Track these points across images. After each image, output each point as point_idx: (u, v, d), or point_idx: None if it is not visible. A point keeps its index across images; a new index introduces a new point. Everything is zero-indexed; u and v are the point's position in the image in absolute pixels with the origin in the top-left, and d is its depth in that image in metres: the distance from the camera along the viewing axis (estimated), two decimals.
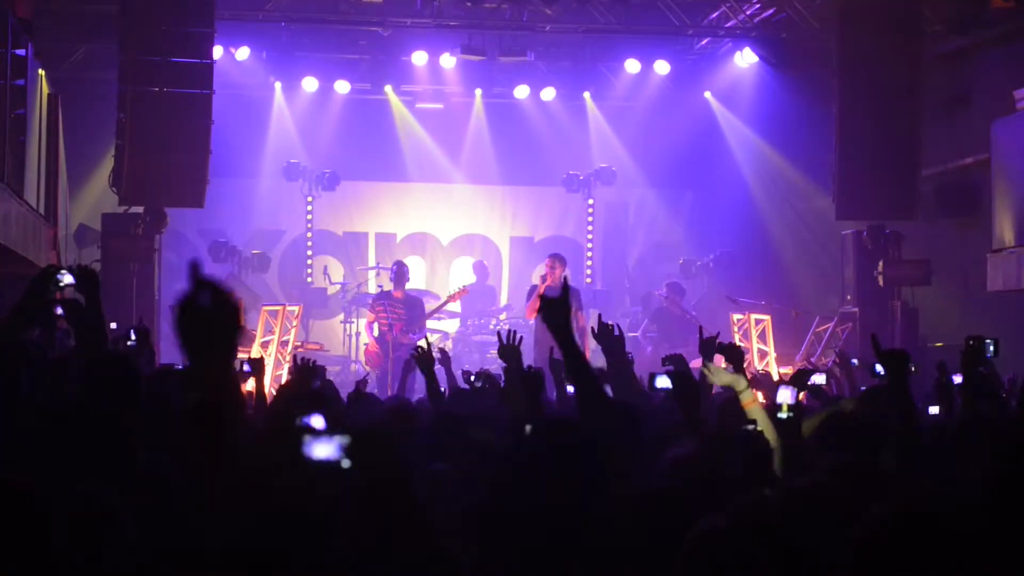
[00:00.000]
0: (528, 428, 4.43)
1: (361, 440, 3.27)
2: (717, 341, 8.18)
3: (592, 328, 8.09)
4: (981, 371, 7.93)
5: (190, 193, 16.25)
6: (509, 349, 7.59)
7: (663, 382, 6.33)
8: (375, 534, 3.44)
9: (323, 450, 3.21)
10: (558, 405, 8.17)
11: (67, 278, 6.47)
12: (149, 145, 15.77)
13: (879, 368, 9.47)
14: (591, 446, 4.02)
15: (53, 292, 6.53)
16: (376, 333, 17.17)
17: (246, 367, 8.57)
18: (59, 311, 6.55)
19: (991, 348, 8.01)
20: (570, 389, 8.22)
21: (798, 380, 7.36)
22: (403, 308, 17.26)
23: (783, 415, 5.95)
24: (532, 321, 16.21)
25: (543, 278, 16.07)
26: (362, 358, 18.16)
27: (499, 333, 7.94)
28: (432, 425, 6.20)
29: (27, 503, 3.28)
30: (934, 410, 7.61)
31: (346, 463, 3.19)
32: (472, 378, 8.76)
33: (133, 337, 8.26)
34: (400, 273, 17.63)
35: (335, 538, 3.33)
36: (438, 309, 18.65)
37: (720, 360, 8.71)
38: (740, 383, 6.51)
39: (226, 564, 2.99)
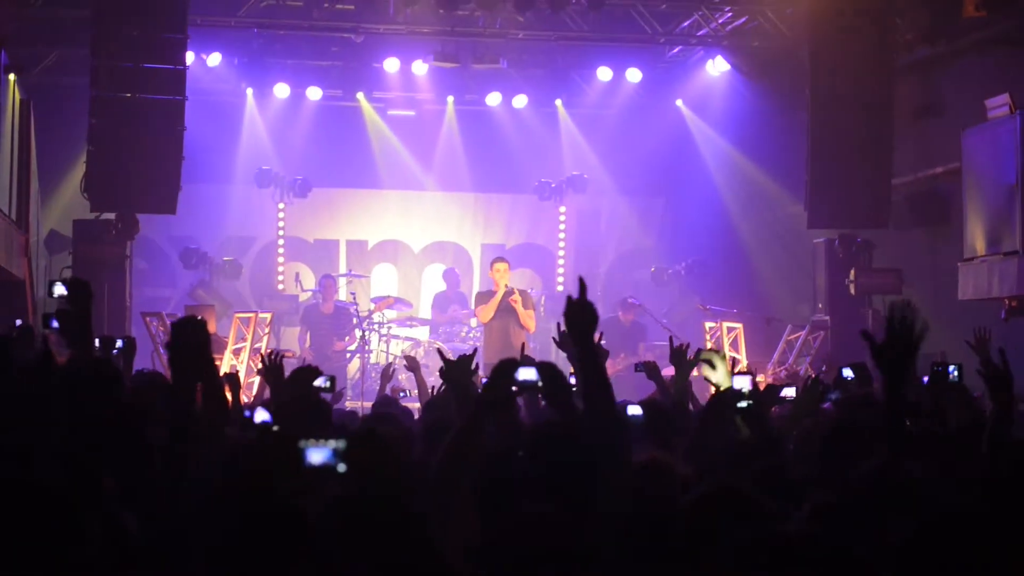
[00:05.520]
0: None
1: (356, 445, 3.26)
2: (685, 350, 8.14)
3: (554, 337, 7.85)
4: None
5: (162, 199, 16.17)
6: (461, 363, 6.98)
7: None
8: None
9: (319, 455, 3.19)
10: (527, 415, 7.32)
11: (59, 288, 6.47)
12: (121, 151, 15.73)
13: (847, 372, 9.46)
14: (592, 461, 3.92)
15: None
16: (308, 344, 18.65)
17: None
18: (54, 324, 6.52)
19: (955, 373, 7.74)
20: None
21: (769, 395, 7.41)
22: (331, 321, 18.99)
23: (743, 404, 6.00)
24: (483, 324, 16.17)
25: (507, 288, 15.75)
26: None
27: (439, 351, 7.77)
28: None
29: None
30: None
31: (341, 468, 3.18)
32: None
33: (98, 344, 8.24)
34: (327, 287, 19.20)
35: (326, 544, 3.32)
36: (367, 318, 19.46)
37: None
38: (725, 382, 6.58)
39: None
